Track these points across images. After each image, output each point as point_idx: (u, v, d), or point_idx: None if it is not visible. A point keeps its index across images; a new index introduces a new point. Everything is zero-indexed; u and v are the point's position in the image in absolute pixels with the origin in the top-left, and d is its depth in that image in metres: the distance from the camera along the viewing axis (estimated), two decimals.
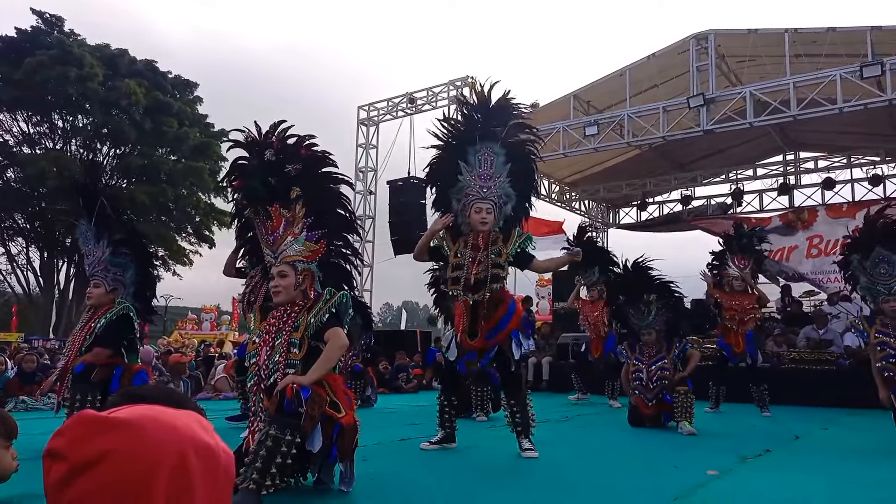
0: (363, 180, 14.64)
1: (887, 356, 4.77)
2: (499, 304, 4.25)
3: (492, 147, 4.30)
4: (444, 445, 4.45)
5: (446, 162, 4.43)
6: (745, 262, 7.46)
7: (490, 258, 4.18)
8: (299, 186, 3.06)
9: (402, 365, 10.78)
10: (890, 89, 9.05)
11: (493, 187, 4.26)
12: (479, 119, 4.34)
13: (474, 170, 4.29)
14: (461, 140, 4.37)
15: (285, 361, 2.89)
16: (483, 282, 4.15)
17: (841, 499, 3.14)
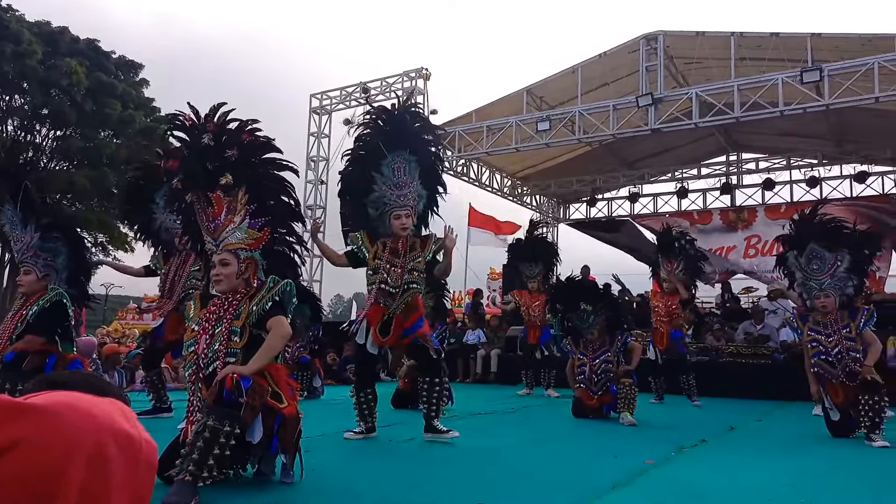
0: (315, 170, 14.44)
1: (818, 353, 4.99)
2: (413, 310, 4.39)
3: (403, 155, 4.46)
4: (366, 436, 4.50)
5: (357, 175, 4.53)
6: (673, 265, 7.71)
7: (409, 265, 4.36)
8: (241, 173, 2.99)
9: (350, 356, 10.70)
10: (828, 94, 9.41)
11: (409, 193, 4.45)
12: (390, 130, 4.48)
13: (389, 180, 4.42)
14: (371, 153, 4.49)
15: (225, 350, 2.83)
16: (402, 292, 4.32)
17: (769, 486, 3.27)
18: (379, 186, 4.42)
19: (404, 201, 4.41)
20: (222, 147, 2.97)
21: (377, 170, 4.42)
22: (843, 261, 4.97)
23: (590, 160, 15.25)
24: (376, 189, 4.42)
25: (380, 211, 4.44)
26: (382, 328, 4.36)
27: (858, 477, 3.63)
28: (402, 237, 4.41)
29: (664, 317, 7.68)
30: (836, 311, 4.98)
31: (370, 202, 4.46)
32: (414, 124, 4.57)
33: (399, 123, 4.50)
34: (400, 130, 4.49)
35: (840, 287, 4.97)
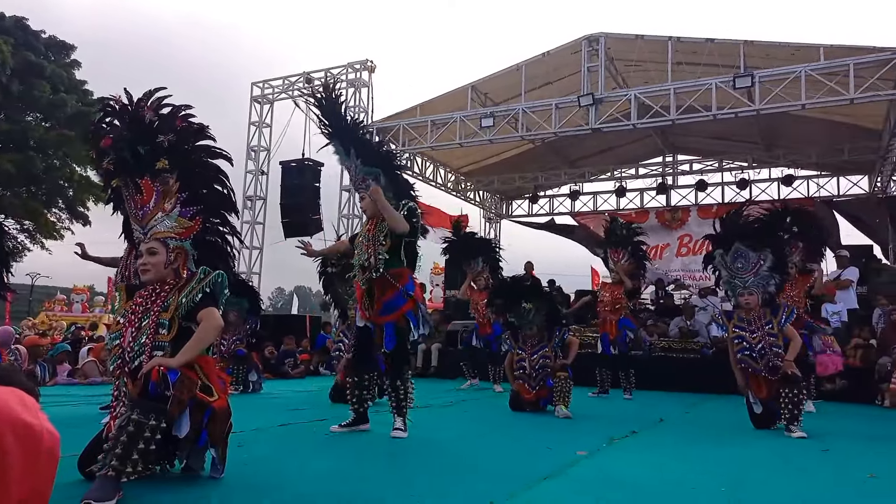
0: (255, 159, 14.15)
1: (743, 349, 5.21)
2: (390, 284, 4.38)
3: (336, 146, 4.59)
4: (355, 427, 4.49)
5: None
6: (619, 255, 7.91)
7: (374, 238, 4.40)
8: (174, 159, 2.90)
9: (289, 350, 10.57)
10: (758, 100, 9.81)
11: (353, 175, 4.59)
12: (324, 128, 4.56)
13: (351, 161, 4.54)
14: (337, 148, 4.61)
15: (152, 343, 2.74)
16: (371, 265, 4.35)
17: (693, 475, 3.40)
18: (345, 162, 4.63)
19: (356, 184, 4.62)
20: (155, 132, 2.87)
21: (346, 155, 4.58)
22: (766, 260, 5.20)
23: (532, 157, 15.45)
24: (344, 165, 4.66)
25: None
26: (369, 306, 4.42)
27: (777, 466, 3.80)
28: (371, 218, 4.49)
29: (609, 306, 7.86)
30: (759, 308, 5.20)
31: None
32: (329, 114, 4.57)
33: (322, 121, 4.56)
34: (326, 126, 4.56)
35: (763, 285, 5.21)
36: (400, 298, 4.38)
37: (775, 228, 5.30)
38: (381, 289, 4.38)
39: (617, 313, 7.83)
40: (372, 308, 4.40)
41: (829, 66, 9.37)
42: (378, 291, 4.37)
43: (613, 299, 7.84)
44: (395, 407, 4.42)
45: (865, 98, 9.31)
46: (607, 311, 7.87)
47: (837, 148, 13.08)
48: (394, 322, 4.37)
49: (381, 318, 4.39)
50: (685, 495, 2.96)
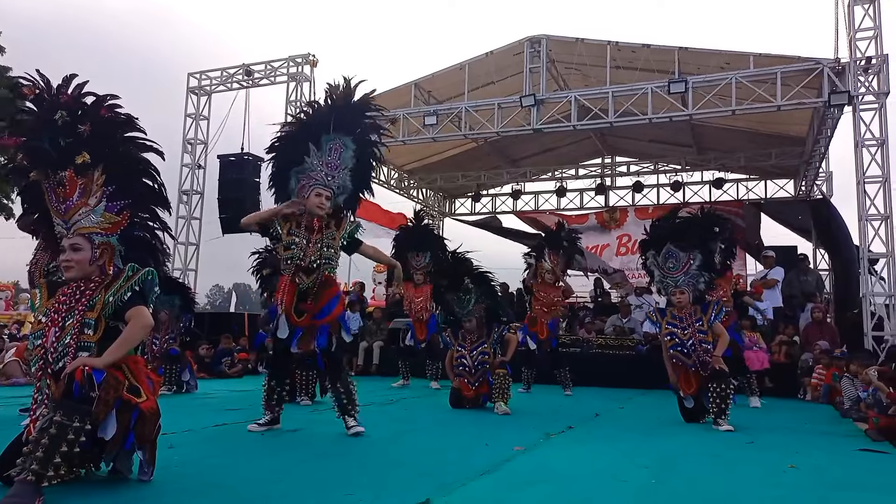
0: (192, 153, 13.73)
1: (675, 345, 5.40)
2: (327, 287, 4.40)
3: (344, 139, 4.46)
4: (270, 427, 4.48)
5: (295, 140, 4.48)
6: (557, 258, 8.08)
7: (324, 242, 4.35)
8: (98, 151, 2.77)
9: (226, 349, 10.32)
10: (691, 105, 10.13)
11: (337, 178, 4.45)
12: (339, 108, 4.43)
13: (323, 156, 4.41)
14: (317, 124, 4.45)
15: (77, 344, 2.63)
16: (317, 267, 4.31)
17: (625, 468, 3.50)
18: (311, 159, 4.37)
19: (329, 182, 4.40)
20: (76, 121, 2.74)
21: (315, 142, 4.38)
22: (695, 259, 5.41)
23: (475, 156, 15.53)
24: (307, 160, 4.38)
25: (301, 183, 4.38)
26: (297, 309, 4.32)
27: (705, 458, 3.96)
28: (318, 216, 4.37)
29: (545, 307, 7.98)
30: (689, 305, 5.40)
31: (296, 171, 4.40)
32: (366, 116, 4.55)
33: (352, 106, 4.46)
34: (351, 114, 4.46)
35: (693, 283, 5.41)
36: (334, 302, 4.43)
37: (701, 230, 5.51)
38: (321, 292, 4.36)
39: (549, 315, 7.98)
40: (301, 311, 4.33)
41: (758, 73, 9.76)
42: (317, 294, 4.35)
43: (549, 300, 7.98)
44: (340, 408, 4.42)
45: (791, 105, 9.75)
46: (542, 311, 7.99)
47: (765, 153, 13.66)
48: (328, 325, 4.40)
49: (316, 321, 4.37)
50: (616, 487, 3.05)
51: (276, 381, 4.52)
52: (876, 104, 9.07)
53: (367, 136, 4.59)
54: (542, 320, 7.95)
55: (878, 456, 4.20)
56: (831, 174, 13.18)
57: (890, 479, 3.52)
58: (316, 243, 4.32)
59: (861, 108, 9.12)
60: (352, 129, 4.47)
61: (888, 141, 8.95)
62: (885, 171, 8.90)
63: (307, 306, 4.34)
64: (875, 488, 3.28)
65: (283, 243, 4.36)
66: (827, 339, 8.52)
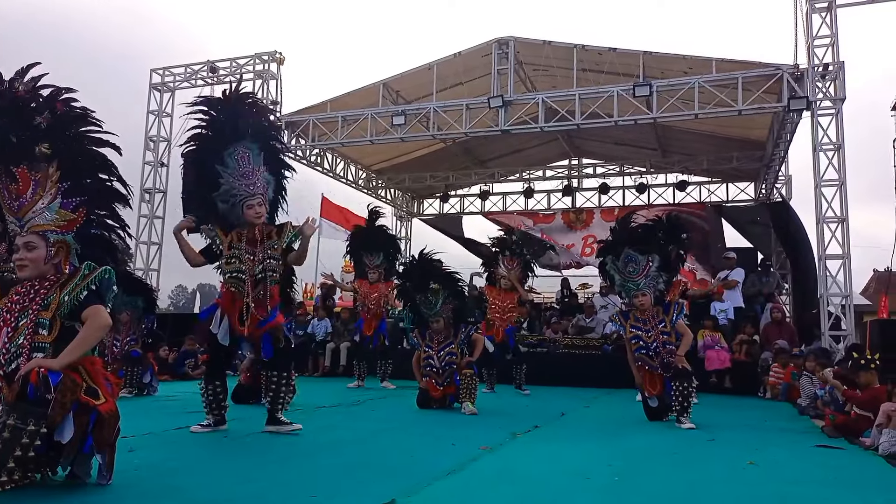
0: (154, 150, 13.47)
1: (639, 348, 5.48)
2: (269, 298, 4.41)
3: (245, 144, 4.43)
4: (215, 429, 4.45)
5: (200, 168, 4.42)
6: (513, 264, 8.12)
7: (267, 253, 4.36)
8: (53, 146, 2.69)
9: (189, 350, 10.13)
10: (656, 108, 10.29)
11: (257, 181, 4.43)
12: (227, 121, 4.41)
13: (235, 171, 4.37)
14: (213, 145, 4.41)
15: (31, 345, 2.55)
16: (262, 279, 4.34)
17: (589, 466, 3.54)
18: (226, 179, 4.33)
19: (254, 189, 4.37)
20: (31, 114, 2.65)
21: (221, 162, 4.33)
22: (654, 261, 5.50)
23: (444, 157, 15.54)
24: (223, 182, 4.33)
25: (230, 203, 4.35)
26: (240, 317, 4.32)
27: (667, 456, 4.02)
28: (258, 225, 4.37)
29: (499, 313, 8.02)
30: (651, 307, 5.49)
31: (219, 196, 4.35)
32: (250, 111, 4.51)
33: (235, 112, 4.42)
34: (237, 119, 4.41)
35: (653, 285, 5.50)
36: (276, 311, 4.46)
37: (658, 233, 5.61)
38: (262, 302, 4.36)
39: (506, 321, 8.02)
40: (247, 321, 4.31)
41: (720, 78, 9.97)
42: (258, 304, 4.34)
43: (503, 306, 8.03)
44: (270, 402, 4.43)
45: (752, 110, 9.98)
46: (497, 316, 8.02)
47: (726, 156, 13.94)
48: (270, 332, 4.39)
49: (259, 330, 4.36)
50: (580, 485, 3.08)
51: (212, 385, 4.46)
52: (833, 110, 9.33)
53: (262, 128, 4.54)
54: (499, 326, 8.00)
55: (834, 452, 4.33)
56: (791, 178, 13.52)
57: (845, 474, 3.62)
58: (258, 255, 4.33)
59: (819, 113, 9.38)
60: (244, 132, 4.42)
61: (844, 146, 9.22)
62: (842, 174, 9.17)
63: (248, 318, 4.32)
64: (831, 483, 3.37)
65: (224, 258, 4.36)
66: (786, 338, 8.73)
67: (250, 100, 4.57)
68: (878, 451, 4.15)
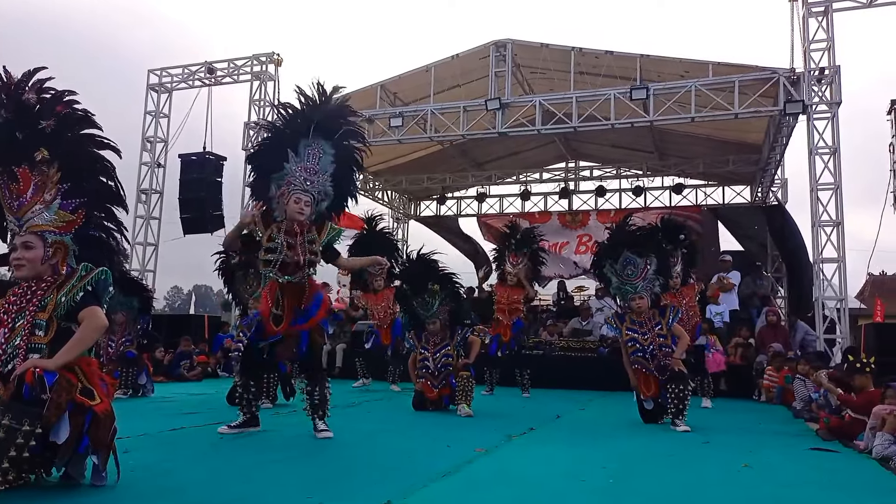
0: (151, 151, 13.45)
1: (635, 351, 5.49)
2: (309, 290, 4.41)
3: (322, 144, 4.44)
4: (244, 429, 4.44)
5: (274, 147, 4.45)
6: (518, 259, 8.11)
7: (306, 245, 4.34)
8: (55, 148, 2.70)
9: (185, 352, 10.12)
10: (652, 111, 10.33)
11: (316, 182, 4.42)
12: (317, 114, 4.41)
13: (302, 161, 4.38)
14: (294, 130, 4.42)
15: (27, 345, 2.55)
16: (300, 265, 4.31)
17: (584, 468, 3.54)
18: (290, 164, 4.34)
19: (309, 187, 4.37)
20: (35, 117, 2.66)
21: (294, 148, 4.35)
22: (651, 264, 5.52)
23: (441, 159, 15.56)
24: (286, 166, 4.34)
25: (282, 189, 4.34)
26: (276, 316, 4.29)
27: (662, 458, 4.03)
28: (298, 222, 4.34)
29: (504, 310, 8.01)
30: (648, 310, 5.51)
31: (276, 178, 4.36)
32: (345, 121, 4.52)
33: (330, 111, 4.43)
34: (329, 118, 4.43)
35: (650, 288, 5.52)
36: (316, 305, 4.41)
37: (656, 237, 5.63)
38: (303, 293, 4.36)
39: (512, 316, 8.00)
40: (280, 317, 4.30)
41: (716, 81, 10.01)
42: (299, 296, 4.35)
43: (510, 302, 8.01)
44: (311, 409, 4.41)
45: (748, 113, 10.02)
46: (503, 312, 8.00)
47: (723, 160, 13.98)
48: (308, 331, 4.39)
49: (293, 328, 4.36)
50: (575, 488, 3.08)
51: (244, 381, 4.48)
52: (829, 113, 9.38)
53: (347, 141, 4.57)
54: (506, 322, 7.98)
55: (828, 454, 4.34)
56: (786, 181, 13.57)
57: (839, 477, 3.64)
58: (297, 246, 4.31)
59: (815, 117, 9.42)
60: (330, 133, 4.44)
61: (840, 149, 9.26)
62: (837, 178, 9.20)
63: (286, 311, 4.31)
64: (825, 486, 3.39)
65: (264, 248, 4.35)
66: (780, 341, 8.76)
67: (349, 111, 4.58)
68: (871, 454, 4.17)
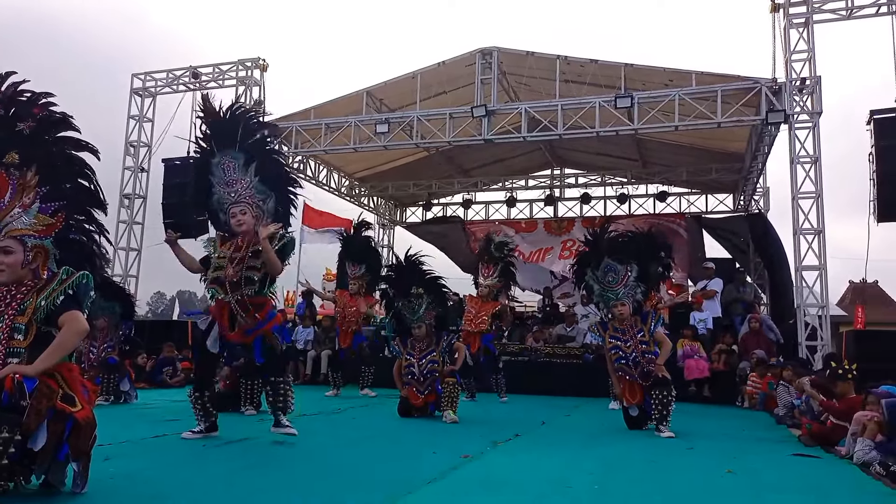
0: (135, 155, 13.33)
1: (619, 358, 5.52)
2: (259, 307, 4.40)
3: (230, 153, 4.50)
4: (207, 435, 4.46)
5: (197, 185, 4.61)
6: (490, 270, 8.10)
7: (247, 257, 4.35)
8: (32, 151, 2.66)
9: (168, 358, 10.01)
10: (637, 120, 10.41)
11: (241, 189, 4.49)
12: (214, 131, 4.52)
13: (220, 179, 4.50)
14: (201, 158, 4.57)
15: (6, 350, 2.51)
16: (239, 283, 4.33)
17: (569, 474, 3.55)
18: (216, 188, 4.49)
19: (236, 198, 4.44)
20: (11, 120, 2.63)
21: (211, 171, 4.51)
22: (632, 271, 5.55)
23: (427, 165, 15.57)
24: (215, 191, 4.49)
25: (222, 210, 4.48)
26: (230, 325, 4.37)
27: (646, 464, 4.04)
28: (243, 233, 4.39)
29: (473, 321, 7.99)
30: (630, 317, 5.53)
31: (214, 204, 4.52)
32: (241, 122, 4.53)
33: (224, 122, 4.49)
34: (225, 129, 4.48)
35: (632, 295, 5.55)
36: (267, 318, 4.45)
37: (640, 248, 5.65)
38: (252, 308, 4.36)
39: (479, 328, 7.95)
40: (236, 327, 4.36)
41: (700, 91, 10.11)
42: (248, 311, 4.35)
43: (477, 315, 8.00)
44: (271, 406, 4.43)
45: (731, 122, 10.13)
46: (471, 325, 7.96)
47: (706, 168, 14.12)
48: (262, 336, 4.41)
49: (249, 337, 4.40)
50: (561, 493, 3.09)
51: (199, 392, 4.46)
52: (810, 123, 9.50)
53: (250, 139, 4.54)
54: (473, 334, 7.93)
55: (810, 460, 4.38)
56: (768, 189, 13.72)
57: (821, 482, 3.67)
58: (238, 262, 4.34)
59: (796, 126, 9.53)
60: (230, 141, 4.47)
61: (821, 159, 9.38)
62: (818, 187, 9.32)
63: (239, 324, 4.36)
64: (807, 491, 3.42)
65: (212, 265, 4.44)
66: (763, 348, 8.83)
67: (235, 109, 4.57)
68: (852, 460, 4.21)
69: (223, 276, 4.33)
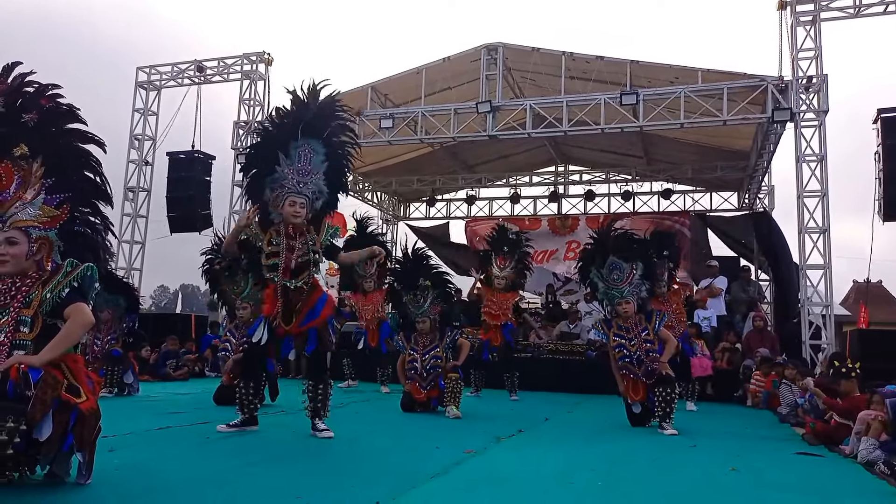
0: (139, 149, 13.35)
1: (623, 356, 5.51)
2: (313, 290, 4.44)
3: (313, 144, 4.43)
4: (243, 428, 4.48)
5: (265, 150, 4.46)
6: (506, 262, 8.06)
7: (307, 245, 4.37)
8: (38, 143, 2.66)
9: (171, 351, 10.04)
10: (642, 117, 10.39)
11: (310, 183, 4.42)
12: (305, 114, 4.41)
13: (293, 163, 4.39)
14: (283, 132, 4.43)
15: (12, 342, 2.51)
16: (302, 267, 4.35)
17: (572, 471, 3.54)
18: (282, 167, 4.35)
19: (302, 189, 4.37)
20: (17, 111, 2.63)
21: (285, 150, 4.35)
22: (637, 269, 5.54)
23: (431, 161, 15.55)
24: (278, 170, 4.35)
25: (276, 192, 4.35)
26: (284, 313, 4.36)
27: (650, 461, 4.04)
28: (294, 223, 4.36)
29: (492, 314, 7.96)
30: (635, 315, 5.53)
31: (270, 182, 4.37)
32: (333, 118, 4.51)
33: (318, 110, 4.43)
34: (318, 118, 4.42)
35: (636, 293, 5.54)
36: (321, 304, 4.45)
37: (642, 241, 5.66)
38: (308, 293, 4.39)
39: (502, 319, 7.91)
40: (290, 317, 4.36)
41: (705, 88, 10.08)
42: (305, 295, 4.38)
43: (500, 307, 7.97)
44: (312, 410, 4.44)
45: (736, 120, 10.10)
46: (494, 318, 7.93)
47: (711, 166, 14.08)
48: (316, 328, 4.43)
49: (303, 327, 4.40)
50: (564, 489, 3.09)
51: (245, 382, 4.49)
52: (816, 121, 9.46)
53: (337, 138, 4.56)
54: (494, 324, 7.92)
55: (813, 459, 4.38)
56: (774, 188, 13.67)
57: (825, 481, 3.66)
58: (298, 248, 4.34)
59: (802, 124, 9.50)
60: (319, 132, 4.43)
61: (827, 157, 9.35)
62: (824, 186, 9.29)
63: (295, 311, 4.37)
64: (811, 489, 3.41)
65: (266, 252, 4.38)
66: (767, 346, 8.82)
67: (339, 107, 4.55)
68: (856, 459, 4.20)
69: (282, 262, 4.31)
